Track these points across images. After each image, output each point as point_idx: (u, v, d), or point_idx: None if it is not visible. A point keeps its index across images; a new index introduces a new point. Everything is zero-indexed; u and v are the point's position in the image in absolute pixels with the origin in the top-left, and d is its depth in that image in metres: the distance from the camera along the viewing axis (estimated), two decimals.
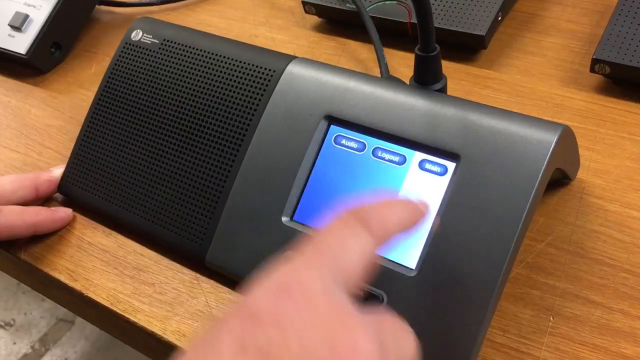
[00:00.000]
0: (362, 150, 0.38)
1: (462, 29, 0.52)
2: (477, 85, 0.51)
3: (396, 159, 0.37)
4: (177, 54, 0.47)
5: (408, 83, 0.40)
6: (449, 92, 0.42)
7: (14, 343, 1.36)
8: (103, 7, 0.70)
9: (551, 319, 0.36)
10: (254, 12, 0.65)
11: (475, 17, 0.52)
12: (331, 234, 0.27)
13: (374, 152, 0.38)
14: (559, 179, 0.42)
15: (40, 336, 1.37)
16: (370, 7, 0.55)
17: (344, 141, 0.39)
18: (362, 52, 0.57)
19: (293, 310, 0.23)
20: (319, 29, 0.61)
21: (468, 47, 0.54)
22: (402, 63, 0.55)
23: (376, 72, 0.53)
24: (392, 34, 0.55)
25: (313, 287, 0.24)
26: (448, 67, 0.53)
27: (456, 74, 0.52)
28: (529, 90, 0.50)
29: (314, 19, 0.62)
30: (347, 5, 0.57)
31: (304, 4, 0.59)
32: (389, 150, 0.38)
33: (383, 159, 0.38)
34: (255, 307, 0.24)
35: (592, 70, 0.47)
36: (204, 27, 0.64)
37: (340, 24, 0.60)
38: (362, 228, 0.27)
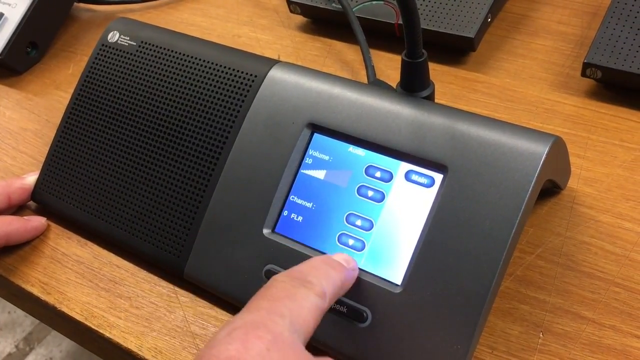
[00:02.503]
0: None
1: (451, 30, 0.50)
2: (466, 89, 0.50)
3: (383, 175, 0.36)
4: (155, 57, 0.45)
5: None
6: (437, 96, 0.40)
7: None
8: (82, 5, 0.67)
9: (541, 335, 0.35)
10: (237, 10, 0.63)
11: (464, 18, 0.50)
12: (279, 290, 0.28)
13: None
14: (550, 189, 0.41)
15: (25, 335, 1.35)
16: (357, 7, 0.54)
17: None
18: (348, 54, 0.55)
19: (263, 349, 0.23)
20: (304, 29, 0.59)
21: (457, 50, 0.52)
22: (390, 65, 0.53)
23: (363, 74, 0.52)
24: (379, 35, 0.54)
25: (278, 332, 0.25)
26: (436, 70, 0.51)
27: (445, 77, 0.51)
28: (519, 95, 0.48)
29: (299, 19, 0.60)
30: (333, 5, 0.55)
31: (288, 3, 0.57)
32: (375, 165, 0.36)
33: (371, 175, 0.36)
34: (222, 352, 0.23)
35: (583, 74, 0.46)
36: (186, 26, 0.62)
37: (326, 24, 0.58)
38: (305, 288, 0.28)
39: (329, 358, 0.28)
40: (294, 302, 0.27)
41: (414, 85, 0.37)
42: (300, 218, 0.37)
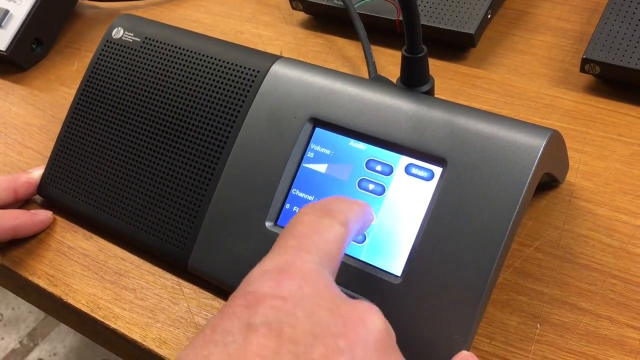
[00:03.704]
0: None
1: (451, 27, 0.51)
2: (466, 84, 0.50)
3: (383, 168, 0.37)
4: (159, 53, 0.45)
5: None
6: (437, 91, 0.41)
7: (2, 338, 1.35)
8: (86, 2, 0.68)
9: (538, 326, 0.36)
10: (240, 7, 0.63)
11: (464, 14, 0.51)
12: (304, 225, 0.28)
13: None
14: (548, 182, 0.41)
15: (29, 331, 1.36)
16: (358, 4, 0.54)
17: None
18: (350, 50, 0.56)
19: (295, 287, 0.24)
20: (306, 25, 0.60)
21: (457, 46, 0.53)
22: (391, 61, 0.54)
23: (364, 70, 0.52)
24: (380, 31, 0.54)
25: (308, 269, 0.25)
26: (436, 66, 0.52)
27: (445, 73, 0.51)
28: (518, 90, 0.49)
29: (301, 15, 0.60)
30: (335, 1, 0.55)
31: (290, 0, 0.58)
32: (376, 159, 0.37)
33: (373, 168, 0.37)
34: (257, 289, 0.24)
35: (582, 70, 0.46)
36: (189, 22, 0.63)
37: (328, 20, 0.59)
38: (329, 218, 0.28)
39: (364, 301, 0.27)
40: (320, 236, 0.27)
41: (414, 80, 0.38)
42: None
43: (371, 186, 0.36)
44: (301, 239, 0.27)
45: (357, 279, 0.35)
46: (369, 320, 0.25)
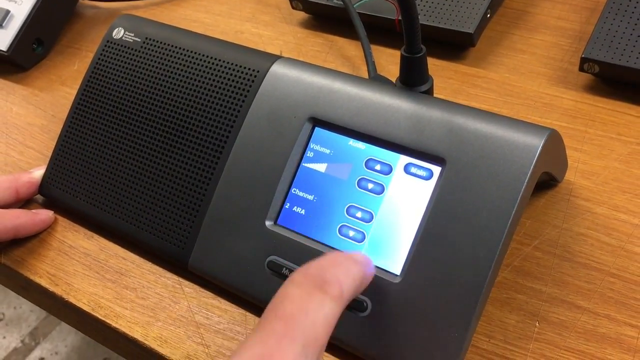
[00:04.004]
0: None
1: (451, 26, 0.51)
2: (466, 83, 0.50)
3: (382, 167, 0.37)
4: (160, 53, 0.46)
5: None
6: (436, 91, 0.41)
7: (4, 337, 1.35)
8: (87, 2, 0.68)
9: (537, 324, 0.36)
10: (239, 7, 0.64)
11: (463, 14, 0.51)
12: (293, 303, 0.27)
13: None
14: (547, 181, 0.42)
15: (31, 330, 1.36)
16: (358, 3, 0.54)
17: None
18: (349, 49, 0.56)
19: None
20: (306, 25, 0.60)
21: (456, 45, 0.53)
22: (391, 61, 0.54)
23: (364, 70, 0.52)
24: (380, 31, 0.54)
25: None
26: (436, 65, 0.52)
27: (444, 72, 0.52)
28: (517, 89, 0.49)
29: (301, 15, 0.61)
30: (335, 1, 0.56)
31: None
32: (375, 158, 0.37)
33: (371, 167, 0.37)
34: None
35: (581, 69, 0.46)
36: (189, 22, 0.63)
37: (327, 20, 0.59)
38: (321, 293, 0.27)
39: None
40: (308, 318, 0.26)
41: (413, 80, 0.38)
42: (302, 210, 0.38)
43: (370, 185, 0.37)
44: (286, 323, 0.26)
45: None
46: None
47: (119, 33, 0.48)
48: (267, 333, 0.26)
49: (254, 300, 0.39)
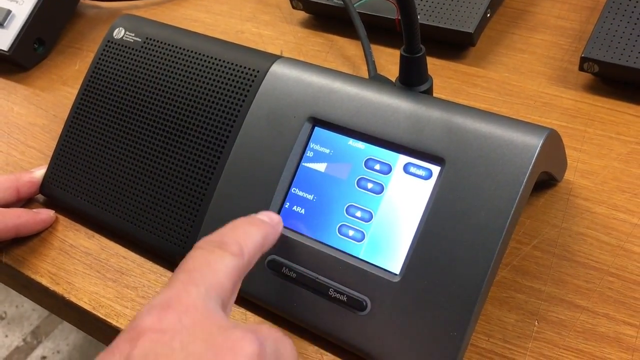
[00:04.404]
0: None
1: (450, 26, 0.51)
2: (466, 83, 0.51)
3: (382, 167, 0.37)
4: (160, 53, 0.46)
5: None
6: (436, 90, 0.41)
7: (6, 336, 1.35)
8: (87, 2, 0.68)
9: (536, 323, 0.36)
10: (240, 6, 0.64)
11: (463, 13, 0.51)
12: (195, 259, 0.29)
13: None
14: (546, 181, 0.42)
15: (32, 329, 1.36)
16: (358, 3, 0.54)
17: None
18: (349, 49, 0.56)
19: (175, 320, 0.25)
20: (307, 24, 0.60)
21: (456, 45, 0.53)
22: (391, 60, 0.54)
23: (364, 69, 0.53)
24: (380, 31, 0.54)
25: (191, 301, 0.27)
26: (436, 65, 0.52)
27: (444, 72, 0.52)
28: (517, 89, 0.49)
29: (302, 15, 0.61)
30: (335, 1, 0.56)
31: None
32: (374, 158, 0.37)
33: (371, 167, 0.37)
34: (139, 324, 0.25)
35: (580, 68, 0.47)
36: (190, 22, 0.63)
37: (328, 19, 0.59)
38: (221, 250, 0.30)
39: (258, 324, 0.29)
40: (209, 268, 0.29)
41: (412, 80, 0.38)
42: (301, 210, 0.38)
43: (370, 185, 0.37)
44: (190, 273, 0.28)
45: (355, 277, 0.35)
46: (239, 348, 0.25)
47: (119, 33, 0.48)
48: (173, 282, 0.28)
49: (254, 300, 0.39)
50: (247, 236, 0.32)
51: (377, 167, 0.37)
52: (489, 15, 0.52)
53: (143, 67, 0.46)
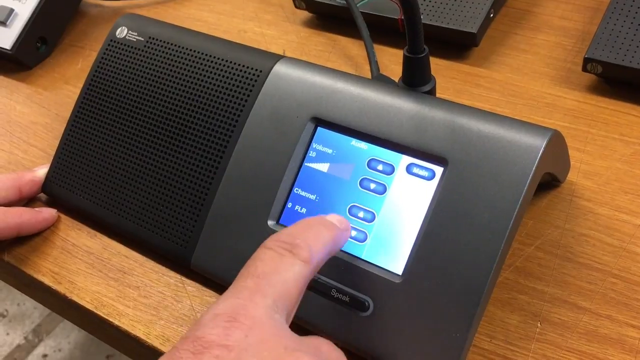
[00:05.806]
0: None
1: (454, 26, 0.51)
2: (469, 83, 0.50)
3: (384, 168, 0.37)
4: (163, 52, 0.46)
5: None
6: (439, 90, 0.41)
7: (7, 334, 1.36)
8: (90, 0, 0.68)
9: (539, 324, 0.36)
10: (243, 6, 0.64)
11: (466, 14, 0.51)
12: (265, 264, 0.28)
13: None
14: (549, 181, 0.42)
15: (34, 327, 1.37)
16: (361, 3, 0.54)
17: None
18: (352, 49, 0.56)
19: (241, 336, 0.25)
20: (309, 24, 0.60)
21: (459, 45, 0.53)
22: (394, 60, 0.54)
23: (367, 69, 0.53)
24: (383, 30, 0.54)
25: (258, 315, 0.26)
26: (439, 65, 0.52)
27: (447, 72, 0.52)
28: (520, 89, 0.49)
29: (304, 14, 0.61)
30: (338, 0, 0.56)
31: None
32: (377, 158, 0.37)
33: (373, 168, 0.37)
34: (205, 335, 0.25)
35: (584, 69, 0.46)
36: (193, 21, 0.63)
37: (330, 19, 0.59)
38: (291, 256, 0.28)
39: (317, 337, 0.29)
40: (278, 276, 0.28)
41: (415, 80, 0.38)
42: (304, 210, 0.38)
43: (372, 185, 0.37)
44: (258, 280, 0.27)
45: (358, 277, 0.35)
46: None
47: (122, 32, 0.48)
48: (240, 289, 0.27)
49: None
50: (318, 240, 0.30)
51: (380, 167, 0.37)
52: (492, 15, 0.52)
53: (145, 66, 0.46)
